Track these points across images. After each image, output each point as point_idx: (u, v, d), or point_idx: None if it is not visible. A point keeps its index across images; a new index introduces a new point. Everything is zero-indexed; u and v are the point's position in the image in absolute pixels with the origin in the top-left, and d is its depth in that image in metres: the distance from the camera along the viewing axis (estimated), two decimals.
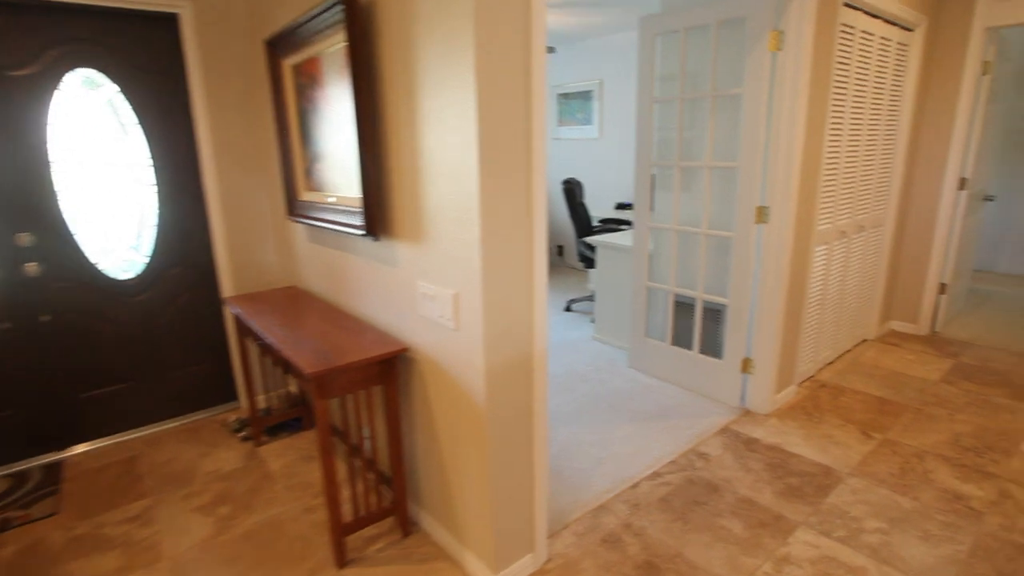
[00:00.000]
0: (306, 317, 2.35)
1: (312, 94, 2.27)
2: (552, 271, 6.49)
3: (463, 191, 1.59)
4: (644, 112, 3.21)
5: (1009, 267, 6.02)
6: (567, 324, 4.68)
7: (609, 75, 5.81)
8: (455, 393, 1.82)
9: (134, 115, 2.75)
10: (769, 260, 2.82)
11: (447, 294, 1.73)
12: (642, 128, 3.23)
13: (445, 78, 1.56)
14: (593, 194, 6.28)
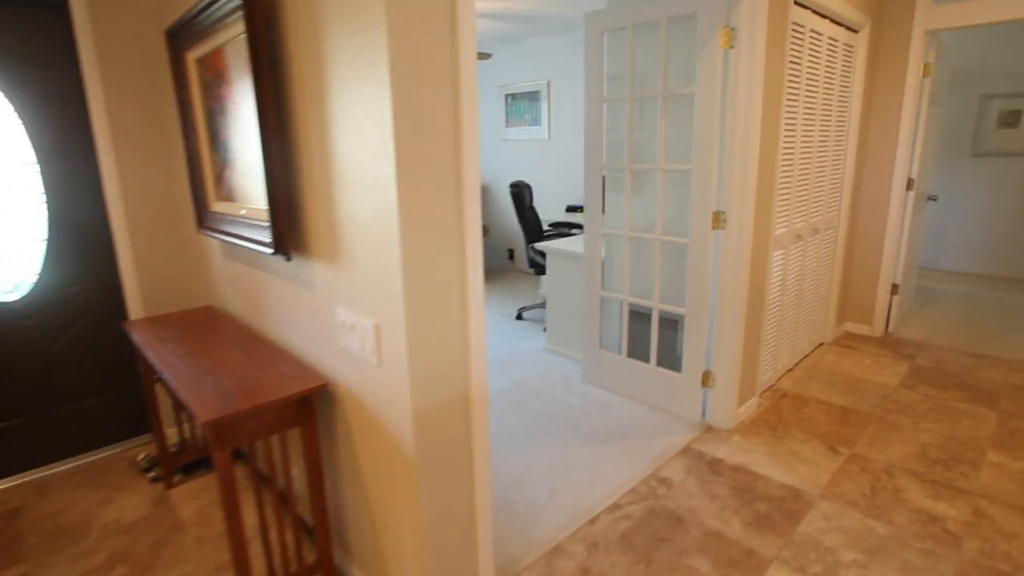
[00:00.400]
0: (217, 344, 2.04)
1: (219, 91, 1.97)
2: (503, 276, 6.28)
3: (381, 205, 1.34)
4: (593, 112, 3.02)
5: (950, 264, 6.14)
6: (518, 334, 4.46)
7: (557, 75, 5.65)
8: (382, 436, 1.56)
9: (16, 114, 2.38)
10: (727, 268, 2.66)
11: (367, 324, 1.47)
12: (591, 129, 3.04)
13: (356, 70, 1.31)
14: (543, 197, 6.10)
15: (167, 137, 2.66)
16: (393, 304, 1.37)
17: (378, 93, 1.26)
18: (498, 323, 4.75)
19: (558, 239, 4.15)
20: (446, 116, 1.35)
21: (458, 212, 1.42)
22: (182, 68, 2.20)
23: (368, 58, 1.26)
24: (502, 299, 5.45)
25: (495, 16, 4.50)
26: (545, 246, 3.85)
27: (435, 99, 1.32)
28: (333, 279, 1.60)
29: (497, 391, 3.40)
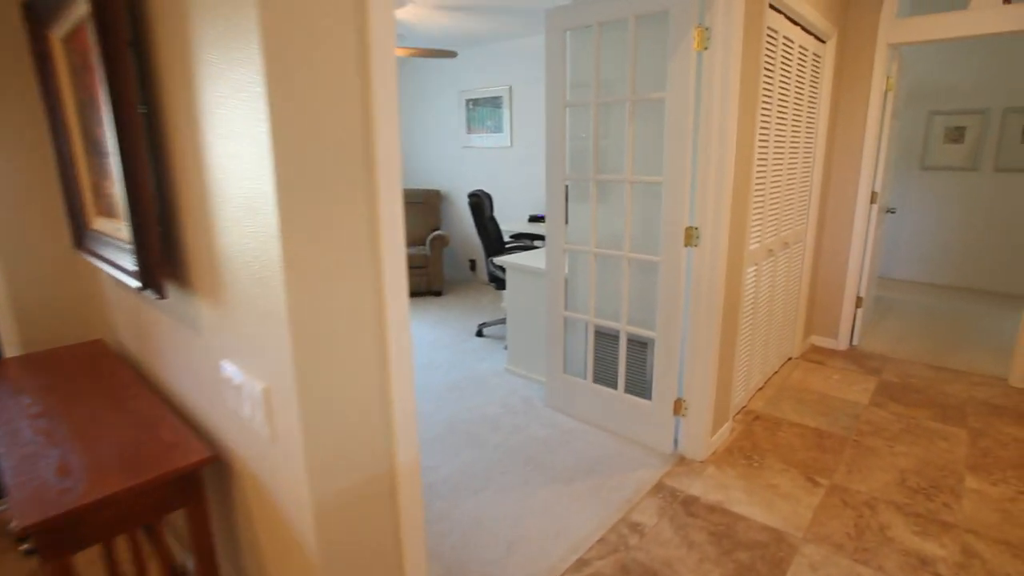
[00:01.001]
0: (91, 396, 1.66)
1: (87, 79, 1.61)
2: (464, 289, 6.00)
3: (260, 230, 1.04)
4: (555, 118, 2.79)
5: (903, 273, 6.19)
6: (477, 353, 4.20)
7: (519, 80, 5.43)
8: (282, 528, 1.25)
9: None
10: (701, 288, 2.47)
11: (255, 387, 1.17)
12: (553, 136, 2.82)
13: (226, 50, 1.00)
14: (505, 206, 5.86)
15: (44, 136, 2.27)
16: (282, 362, 1.07)
17: (249, 78, 0.95)
18: (456, 341, 4.48)
19: (519, 253, 3.92)
20: (352, 113, 1.06)
21: (371, 238, 1.14)
22: (45, 50, 1.81)
23: (236, 29, 0.96)
24: (462, 314, 5.18)
25: (452, 8, 4.25)
26: (505, 261, 3.61)
27: (335, 90, 1.03)
28: (218, 324, 1.28)
29: (453, 424, 3.13)
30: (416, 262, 5.64)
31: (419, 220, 6.16)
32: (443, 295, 5.84)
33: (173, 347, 1.58)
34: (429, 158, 6.65)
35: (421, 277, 5.69)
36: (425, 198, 6.23)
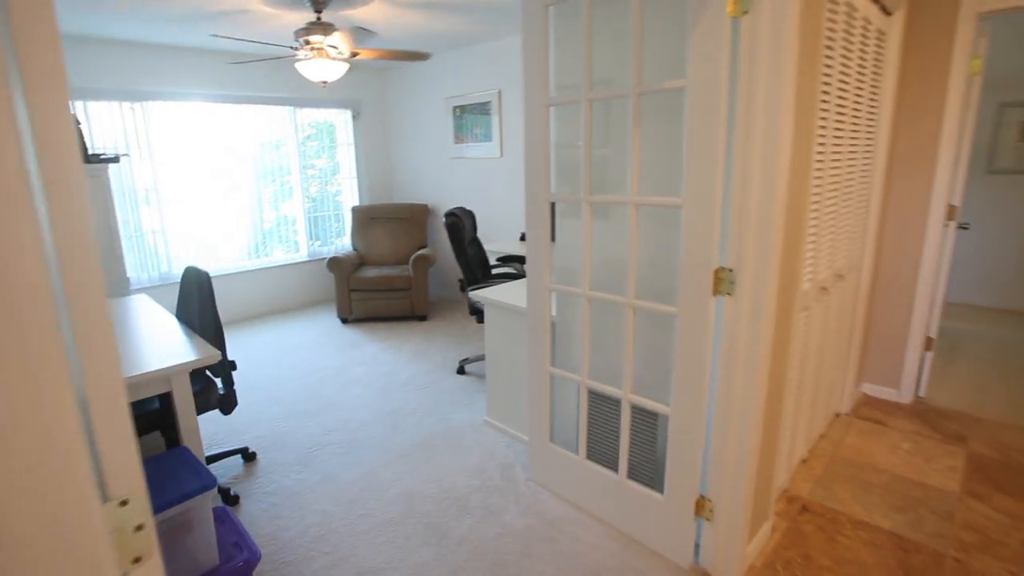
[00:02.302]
0: None
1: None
2: (450, 313, 5.31)
3: None
4: (535, 121, 2.09)
5: (965, 296, 5.35)
6: (456, 396, 3.50)
7: (508, 84, 4.75)
8: None
9: None
10: (737, 350, 1.74)
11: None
12: (533, 144, 2.12)
13: None
14: (495, 222, 5.17)
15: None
16: None
17: None
18: (435, 380, 3.78)
19: (503, 284, 3.21)
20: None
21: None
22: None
23: None
24: (446, 344, 4.49)
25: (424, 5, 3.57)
26: (482, 296, 2.90)
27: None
28: None
29: (412, 503, 2.43)
30: (398, 284, 4.96)
31: (403, 237, 5.49)
32: (428, 319, 5.15)
33: None
34: (415, 170, 5.99)
35: (404, 300, 5.02)
36: (410, 213, 5.56)
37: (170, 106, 4.81)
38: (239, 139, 5.27)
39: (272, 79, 5.26)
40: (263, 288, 5.56)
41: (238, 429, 3.25)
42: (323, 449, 2.98)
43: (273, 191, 5.64)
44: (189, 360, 2.05)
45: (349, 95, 5.82)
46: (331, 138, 5.93)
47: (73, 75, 4.32)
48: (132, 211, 4.76)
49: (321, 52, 3.41)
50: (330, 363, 4.19)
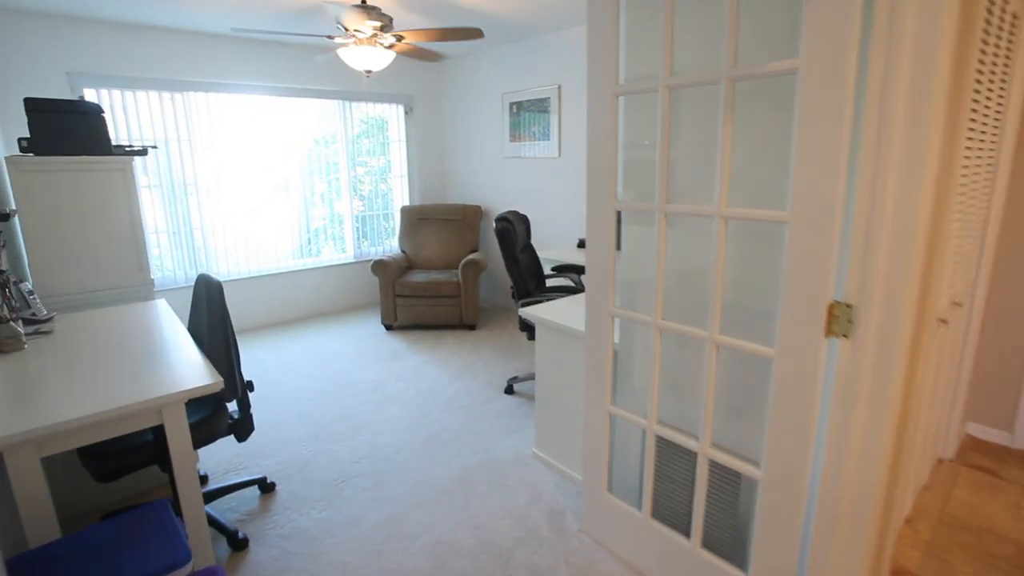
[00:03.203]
0: None
1: None
2: (502, 322, 5.03)
3: None
4: (600, 113, 1.77)
5: None
6: (502, 421, 3.21)
7: (569, 79, 4.42)
8: None
9: None
10: (855, 409, 1.37)
11: None
12: (597, 142, 1.79)
13: None
14: (552, 228, 4.85)
15: None
16: None
17: None
18: (480, 400, 3.50)
19: (557, 297, 2.90)
20: None
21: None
22: None
23: None
24: (494, 357, 4.20)
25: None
26: (533, 313, 2.60)
27: None
28: None
29: (441, 555, 2.15)
30: (446, 290, 4.71)
31: (453, 240, 5.24)
32: (476, 329, 4.88)
33: None
34: (468, 170, 5.74)
35: (452, 308, 4.77)
36: (462, 215, 5.31)
37: (217, 98, 4.68)
38: (289, 133, 5.15)
39: (323, 71, 5.11)
40: (308, 290, 5.43)
41: (261, 451, 3.01)
42: (350, 482, 2.70)
43: (323, 189, 5.51)
44: (183, 389, 1.71)
45: (401, 90, 5.63)
46: (383, 134, 5.76)
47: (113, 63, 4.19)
48: (180, 206, 4.67)
49: (363, 39, 3.18)
50: (368, 375, 3.97)
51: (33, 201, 2.92)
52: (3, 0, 3.59)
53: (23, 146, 2.94)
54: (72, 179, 3.00)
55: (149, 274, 3.30)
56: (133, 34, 4.20)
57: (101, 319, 2.60)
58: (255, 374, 4.07)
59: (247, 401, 2.33)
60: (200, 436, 2.05)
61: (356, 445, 3.03)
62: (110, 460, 1.85)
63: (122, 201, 3.17)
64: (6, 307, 2.21)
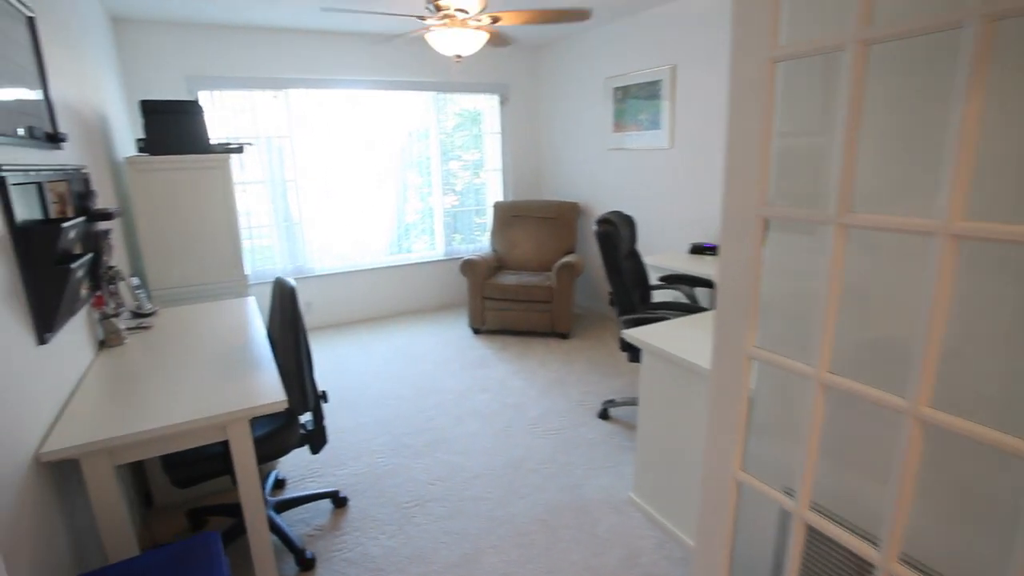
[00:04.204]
0: None
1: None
2: (598, 331, 4.58)
3: None
4: (748, 90, 1.29)
5: None
6: (596, 451, 2.80)
7: (685, 58, 3.87)
8: None
9: None
10: None
11: None
12: (741, 126, 1.32)
13: None
14: (660, 230, 4.33)
15: None
16: None
17: None
18: (571, 423, 3.11)
19: (666, 316, 2.44)
20: None
21: None
22: None
23: None
24: (588, 372, 3.78)
25: None
26: (635, 336, 2.15)
27: None
28: None
29: None
30: (538, 295, 4.35)
31: (548, 240, 4.86)
32: (570, 338, 4.48)
33: None
34: (566, 164, 5.32)
35: (543, 314, 4.39)
36: (558, 212, 4.91)
37: (316, 94, 4.67)
38: (384, 128, 5.02)
39: (417, 63, 4.90)
40: (398, 286, 5.29)
41: (339, 458, 2.87)
42: (423, 506, 2.46)
43: (417, 183, 5.33)
44: (247, 407, 1.65)
45: (497, 78, 5.31)
46: (477, 127, 5.48)
47: (223, 65, 4.29)
48: (282, 200, 4.70)
49: (455, 20, 2.86)
50: (452, 384, 3.69)
51: (145, 199, 3.07)
52: (132, 13, 3.80)
53: (140, 147, 3.09)
54: (176, 177, 3.11)
55: (243, 270, 3.38)
56: (241, 36, 4.28)
57: (194, 316, 2.69)
58: (341, 372, 3.95)
59: (320, 413, 2.21)
60: (270, 449, 1.98)
61: (433, 463, 2.78)
62: (185, 468, 1.85)
63: (219, 198, 3.22)
64: (112, 303, 2.31)
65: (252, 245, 4.66)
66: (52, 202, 1.82)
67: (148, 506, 2.50)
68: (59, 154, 2.07)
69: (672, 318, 2.41)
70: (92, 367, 2.05)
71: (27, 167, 1.67)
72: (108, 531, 1.57)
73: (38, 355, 1.58)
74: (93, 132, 2.76)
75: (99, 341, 2.29)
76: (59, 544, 1.51)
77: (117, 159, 3.26)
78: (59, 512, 1.55)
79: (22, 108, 1.72)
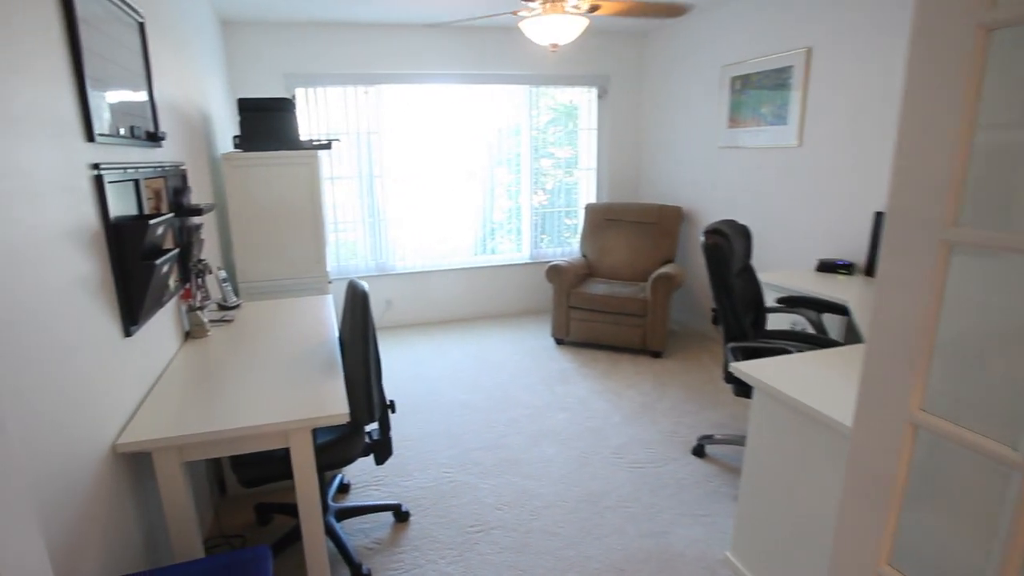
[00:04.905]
0: None
1: None
2: (698, 351, 4.11)
3: None
4: (938, 68, 0.88)
5: None
6: (687, 494, 2.41)
7: (824, 38, 3.31)
8: None
9: None
10: None
11: None
12: (923, 120, 0.91)
13: None
14: (778, 243, 3.79)
15: None
16: None
17: None
18: (659, 456, 2.73)
19: (786, 348, 2.00)
20: None
21: None
22: None
23: None
24: (681, 401, 3.35)
25: None
26: (751, 373, 1.74)
27: None
28: None
29: None
30: (630, 308, 3.96)
31: (644, 247, 4.44)
32: (663, 357, 4.04)
33: None
34: (668, 163, 4.85)
35: (634, 329, 3.99)
36: (658, 217, 4.48)
37: (406, 89, 4.58)
38: (472, 123, 4.83)
39: (509, 54, 4.65)
40: (480, 289, 5.08)
41: (405, 467, 2.71)
42: (487, 533, 2.23)
43: (506, 181, 5.10)
44: (309, 417, 1.61)
45: (595, 69, 4.94)
46: (572, 122, 5.14)
47: (318, 62, 4.29)
48: (368, 197, 4.65)
49: (554, 5, 2.57)
50: (528, 399, 3.40)
51: (238, 194, 3.12)
52: (238, 15, 3.89)
53: (235, 143, 3.16)
54: (267, 173, 3.13)
55: (325, 267, 3.37)
56: (336, 33, 4.27)
57: (274, 312, 2.70)
58: (415, 375, 3.79)
59: (387, 423, 2.11)
60: (333, 458, 1.92)
61: (501, 486, 2.54)
62: (252, 468, 1.84)
63: (307, 194, 3.21)
64: (199, 295, 2.35)
65: (337, 239, 4.64)
66: (147, 198, 1.90)
67: (222, 493, 2.53)
68: (158, 152, 2.15)
69: (794, 351, 1.97)
70: (176, 358, 2.10)
71: (126, 165, 1.72)
72: (175, 526, 1.60)
73: (123, 347, 1.62)
74: (195, 130, 2.84)
75: (185, 332, 2.33)
76: (132, 534, 1.54)
77: (216, 155, 3.31)
78: (132, 504, 1.57)
79: (126, 109, 1.79)
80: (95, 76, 1.53)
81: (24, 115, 1.18)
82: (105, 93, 1.60)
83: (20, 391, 1.07)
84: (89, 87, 1.47)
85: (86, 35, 1.48)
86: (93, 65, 1.52)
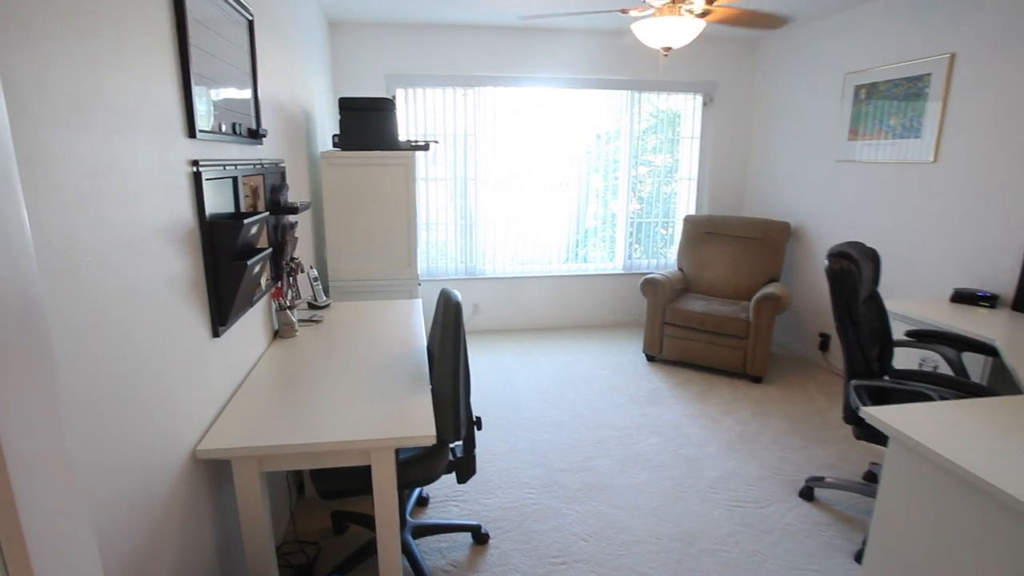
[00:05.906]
0: None
1: None
2: (803, 378, 3.80)
3: None
4: None
5: None
6: (793, 543, 2.20)
7: (971, 43, 2.95)
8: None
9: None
10: None
11: None
12: None
13: None
14: (905, 269, 3.42)
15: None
16: None
17: None
18: (761, 495, 2.52)
19: (917, 388, 1.76)
20: None
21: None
22: None
23: None
24: (784, 433, 3.09)
25: None
26: (887, 422, 1.53)
27: None
28: None
29: None
30: (730, 328, 3.72)
31: (747, 264, 4.16)
32: (764, 383, 3.77)
33: None
34: (778, 175, 4.53)
35: (734, 351, 3.75)
36: (763, 232, 4.19)
37: (505, 92, 4.54)
38: (570, 128, 4.73)
39: (613, 58, 4.52)
40: (569, 298, 4.97)
41: (487, 485, 2.64)
42: (571, 566, 2.12)
43: (600, 188, 4.96)
44: (393, 437, 1.54)
45: (702, 76, 4.70)
46: (673, 129, 4.92)
47: (419, 63, 4.33)
48: (461, 199, 4.66)
49: (671, 8, 2.42)
50: (617, 419, 3.26)
51: (334, 192, 3.15)
52: (345, 16, 3.99)
53: (334, 141, 3.20)
54: (363, 172, 3.15)
55: (416, 270, 3.39)
56: (438, 34, 4.30)
57: (363, 314, 2.68)
58: (500, 385, 3.73)
59: (472, 441, 2.04)
60: (415, 475, 1.86)
61: (587, 513, 2.42)
62: (331, 481, 1.81)
63: (402, 195, 3.21)
64: (290, 294, 2.36)
65: (427, 238, 4.67)
66: (244, 196, 1.88)
67: (300, 496, 2.52)
68: (259, 149, 2.13)
69: (935, 396, 1.73)
70: (263, 358, 2.08)
71: (225, 162, 1.71)
72: (249, 535, 1.57)
73: (211, 348, 1.60)
74: (297, 128, 2.89)
75: (274, 331, 2.33)
76: (206, 540, 1.53)
77: (315, 153, 3.38)
78: (209, 509, 1.56)
79: (229, 106, 1.78)
80: (200, 72, 1.53)
81: (126, 111, 1.16)
82: (210, 89, 1.60)
83: (104, 394, 1.05)
84: (194, 83, 1.47)
85: (194, 33, 1.48)
86: (199, 62, 1.51)
